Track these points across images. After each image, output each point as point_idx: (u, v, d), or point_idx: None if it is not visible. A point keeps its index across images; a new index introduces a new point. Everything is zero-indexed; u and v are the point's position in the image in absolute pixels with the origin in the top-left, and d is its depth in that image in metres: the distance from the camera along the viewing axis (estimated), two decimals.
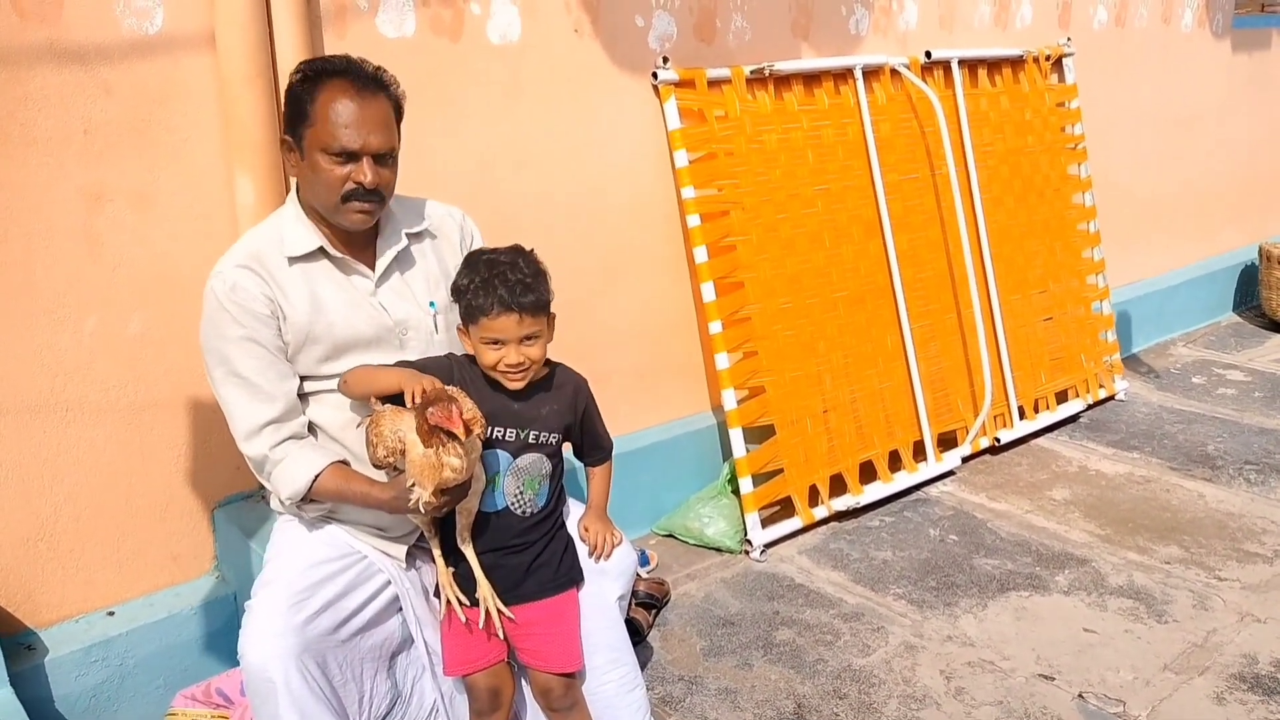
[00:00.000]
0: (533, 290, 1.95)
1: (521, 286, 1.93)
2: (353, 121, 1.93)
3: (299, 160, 2.01)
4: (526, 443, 2.05)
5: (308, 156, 1.97)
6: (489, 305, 1.93)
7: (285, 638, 1.89)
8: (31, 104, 2.27)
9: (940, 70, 3.98)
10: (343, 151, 1.94)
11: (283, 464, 2.00)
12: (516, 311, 1.93)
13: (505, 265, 1.95)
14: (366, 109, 1.95)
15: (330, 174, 1.96)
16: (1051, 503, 3.63)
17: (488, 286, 1.93)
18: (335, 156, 1.94)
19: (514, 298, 1.92)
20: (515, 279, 1.93)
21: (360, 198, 1.98)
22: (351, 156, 1.95)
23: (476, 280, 1.95)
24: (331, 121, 1.93)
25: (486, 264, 1.97)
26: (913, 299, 3.75)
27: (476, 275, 1.96)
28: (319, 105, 1.94)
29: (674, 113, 3.26)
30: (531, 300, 1.94)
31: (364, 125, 1.94)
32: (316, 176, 1.97)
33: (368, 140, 1.95)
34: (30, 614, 2.44)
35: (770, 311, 3.38)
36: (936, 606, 2.98)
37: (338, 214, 2.00)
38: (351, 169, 1.95)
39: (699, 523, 3.33)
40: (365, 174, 1.96)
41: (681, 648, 2.80)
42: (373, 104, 1.96)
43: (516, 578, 2.07)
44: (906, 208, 3.79)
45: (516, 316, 1.93)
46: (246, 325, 1.97)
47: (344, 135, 1.93)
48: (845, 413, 3.55)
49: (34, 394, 2.37)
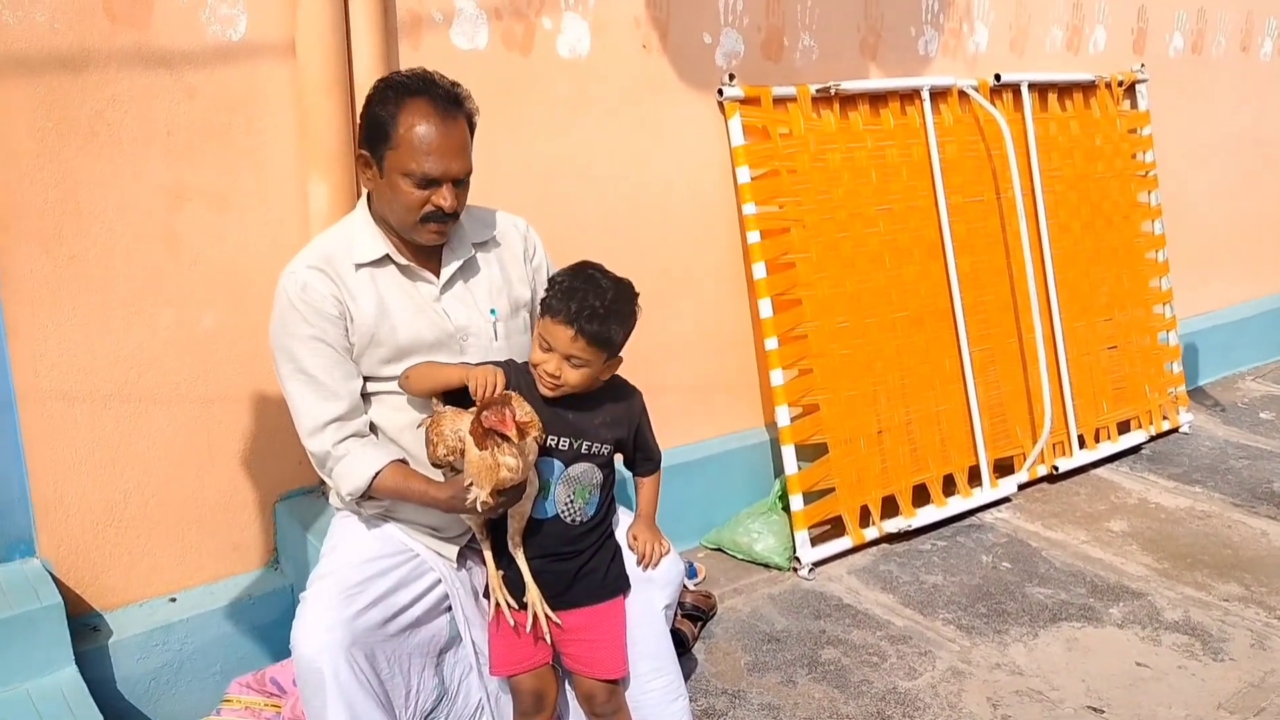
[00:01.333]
0: (601, 322, 1.95)
1: (593, 312, 1.94)
2: (435, 149, 1.96)
3: (376, 177, 2.04)
4: (579, 452, 2.07)
5: (387, 176, 2.01)
6: (557, 309, 1.96)
7: (336, 630, 1.94)
8: (119, 105, 2.36)
9: (1009, 93, 3.95)
10: (425, 178, 1.98)
11: (345, 460, 2.04)
12: (574, 329, 1.95)
13: (597, 287, 1.97)
14: (448, 135, 1.98)
15: (410, 196, 1.99)
16: (1109, 534, 3.57)
17: (569, 294, 1.96)
18: (416, 182, 1.98)
19: (580, 317, 1.93)
20: (595, 303, 1.94)
21: (439, 220, 2.03)
22: (432, 182, 1.99)
23: (566, 284, 1.98)
24: (414, 148, 1.96)
25: (586, 277, 1.99)
26: (973, 322, 3.72)
27: (570, 280, 1.98)
28: (400, 129, 1.97)
29: (738, 129, 3.28)
30: (594, 330, 1.94)
31: (446, 153, 1.97)
32: (395, 197, 2.01)
33: (449, 167, 1.98)
34: (96, 596, 2.53)
35: (827, 330, 3.38)
36: (986, 633, 2.95)
37: (413, 232, 2.05)
38: (431, 193, 1.99)
39: (748, 538, 3.33)
40: (446, 199, 2.00)
41: (726, 661, 2.81)
42: (454, 128, 1.99)
43: (564, 583, 2.10)
44: (970, 230, 3.77)
45: (572, 334, 1.94)
46: (315, 325, 2.02)
47: (427, 163, 1.96)
48: (900, 434, 3.53)
49: (109, 384, 2.46)
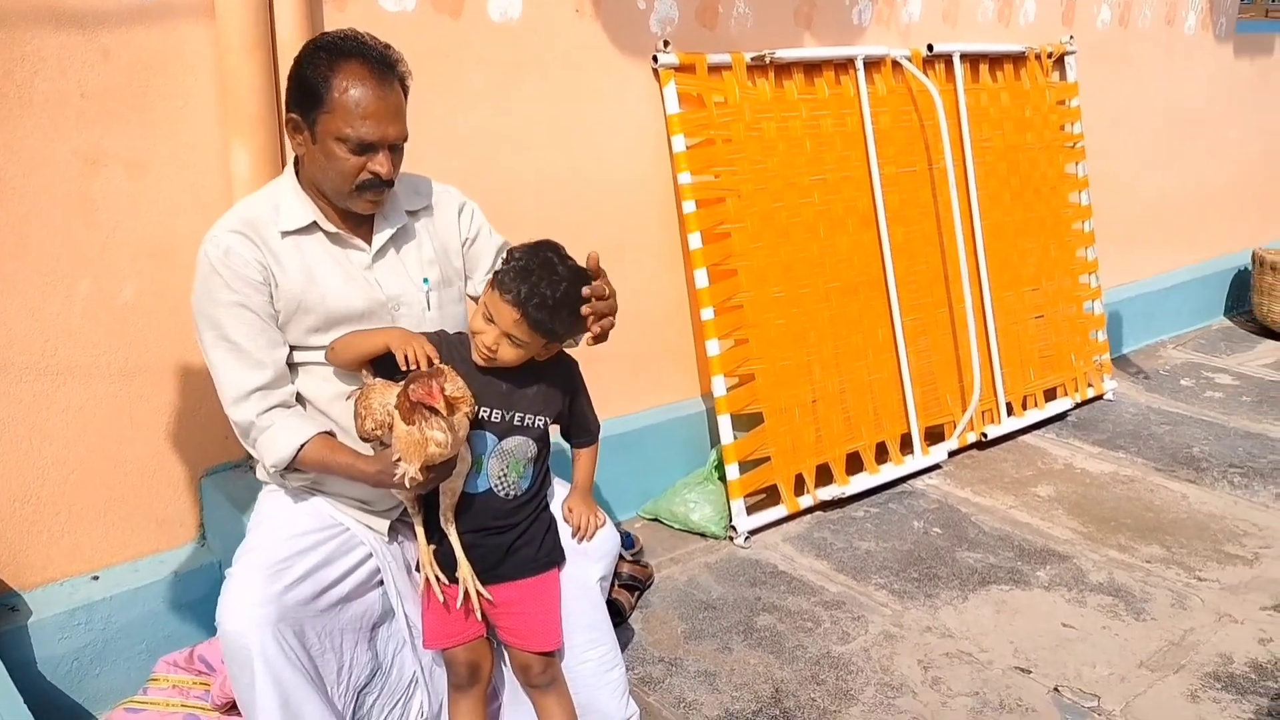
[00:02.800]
0: (549, 312, 1.91)
1: (542, 301, 1.90)
2: (371, 113, 1.91)
3: (308, 141, 1.98)
4: (512, 425, 2.05)
5: (320, 141, 1.95)
6: (508, 288, 1.90)
7: (262, 606, 1.90)
8: (28, 64, 2.27)
9: (942, 64, 3.98)
10: (360, 143, 1.93)
11: (269, 431, 1.99)
12: (519, 313, 1.91)
13: (551, 275, 1.91)
14: (384, 99, 1.93)
15: (346, 163, 1.95)
16: (1036, 499, 3.65)
17: (523, 275, 1.90)
18: (352, 147, 1.93)
19: (528, 303, 1.90)
20: (546, 292, 1.90)
21: (375, 187, 1.98)
22: (369, 147, 1.94)
23: (522, 263, 1.92)
24: (349, 111, 1.91)
25: (543, 261, 1.93)
26: (905, 292, 3.76)
27: (528, 260, 1.92)
28: (334, 91, 1.91)
29: (673, 97, 3.26)
30: (539, 318, 1.91)
31: (383, 117, 1.93)
32: (330, 163, 1.96)
33: (386, 132, 1.94)
34: (14, 576, 2.45)
35: (762, 300, 3.39)
36: (917, 597, 3.00)
37: (348, 200, 2.00)
38: (367, 159, 1.95)
39: (685, 507, 3.34)
40: (382, 165, 1.95)
41: (663, 630, 2.82)
42: (389, 92, 1.94)
43: (497, 557, 2.07)
44: (903, 200, 3.80)
45: (517, 316, 1.91)
46: (238, 290, 1.97)
47: (363, 128, 1.91)
48: (834, 403, 3.56)
49: (24, 355, 2.37)
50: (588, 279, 1.98)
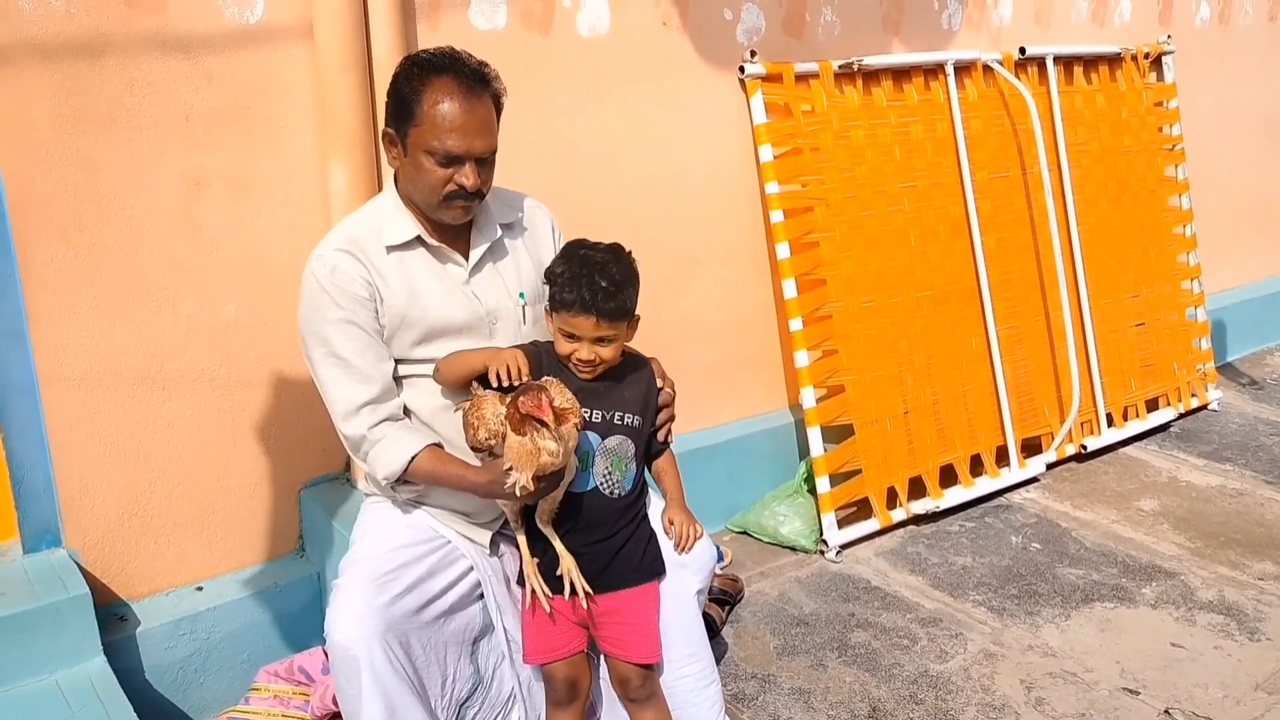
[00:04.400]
0: (615, 297, 1.95)
1: (605, 292, 1.93)
2: (458, 126, 1.94)
3: (401, 155, 2.02)
4: (613, 424, 2.06)
5: (411, 154, 1.99)
6: (572, 301, 1.94)
7: (370, 618, 1.91)
8: (137, 90, 2.34)
9: (1034, 67, 3.89)
10: (447, 155, 1.95)
11: (380, 444, 2.02)
12: (595, 314, 1.93)
13: (597, 265, 1.95)
14: (472, 113, 1.96)
15: (434, 174, 1.97)
16: (1139, 513, 3.53)
17: (575, 283, 1.94)
18: (439, 159, 1.96)
19: (595, 301, 1.92)
20: (603, 283, 1.93)
21: (462, 198, 2.00)
22: (455, 160, 1.96)
23: (568, 274, 1.95)
24: (437, 125, 1.94)
25: (581, 260, 1.96)
26: (1000, 300, 3.67)
27: (569, 268, 1.96)
28: (425, 105, 1.94)
29: (760, 107, 3.24)
30: (612, 307, 1.94)
31: (469, 130, 1.95)
32: (419, 175, 1.99)
33: (472, 145, 1.96)
34: (124, 586, 2.52)
35: (852, 310, 3.34)
36: (1017, 615, 2.91)
37: (438, 210, 2.03)
38: (454, 171, 1.97)
39: (774, 521, 3.30)
40: (469, 177, 1.97)
41: (755, 645, 2.79)
42: (478, 106, 1.97)
43: (600, 564, 2.06)
44: (996, 207, 3.72)
45: (594, 319, 1.94)
46: (346, 307, 2.00)
47: (450, 140, 1.94)
48: (926, 414, 3.49)
49: (132, 371, 2.44)
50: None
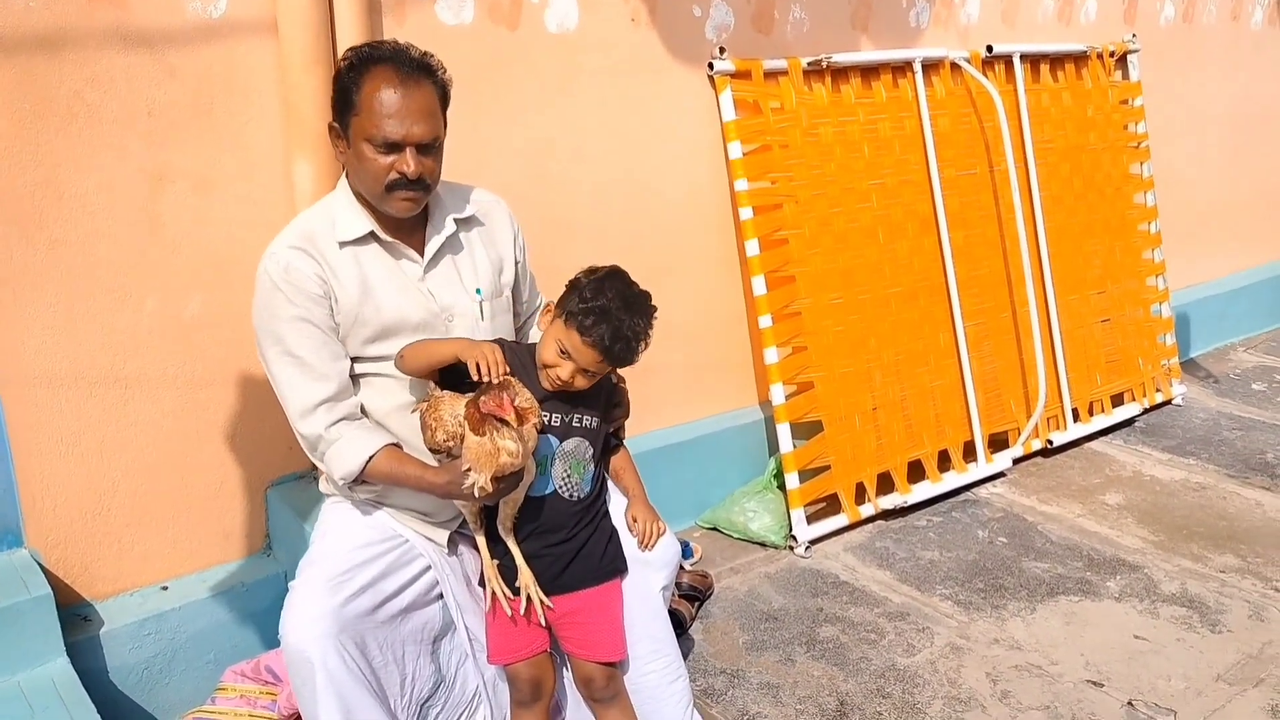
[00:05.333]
0: (631, 352, 1.98)
1: (626, 344, 1.95)
2: (396, 111, 1.93)
3: (346, 148, 2.02)
4: (570, 426, 2.06)
5: (354, 145, 1.98)
6: (588, 329, 1.93)
7: (323, 619, 1.90)
8: (98, 85, 2.31)
9: (1001, 65, 3.91)
10: (386, 142, 1.94)
11: (337, 444, 2.01)
12: (605, 357, 1.95)
13: (629, 312, 1.95)
14: (410, 98, 1.94)
15: (374, 163, 1.96)
16: (1104, 507, 3.57)
17: (605, 319, 1.93)
18: (379, 146, 1.95)
19: (612, 346, 1.94)
20: (629, 334, 1.95)
21: (404, 187, 1.98)
22: (395, 146, 1.95)
23: (600, 304, 1.94)
24: (375, 111, 1.93)
25: (621, 298, 1.96)
26: (967, 297, 3.70)
27: (603, 299, 1.94)
28: (364, 94, 1.94)
29: (729, 104, 3.24)
30: (623, 356, 1.98)
31: (407, 115, 1.94)
32: (361, 165, 1.98)
33: (410, 130, 1.94)
34: (87, 586, 2.49)
35: (821, 307, 3.35)
36: (984, 608, 2.94)
37: (383, 202, 2.02)
38: (395, 159, 1.96)
39: (744, 517, 3.31)
40: (408, 164, 1.95)
41: (724, 640, 2.80)
42: (417, 93, 1.96)
43: (561, 566, 2.07)
44: (963, 204, 3.74)
45: (599, 358, 1.95)
46: (300, 305, 1.99)
47: (387, 126, 1.93)
48: (895, 410, 3.51)
49: (95, 369, 2.41)
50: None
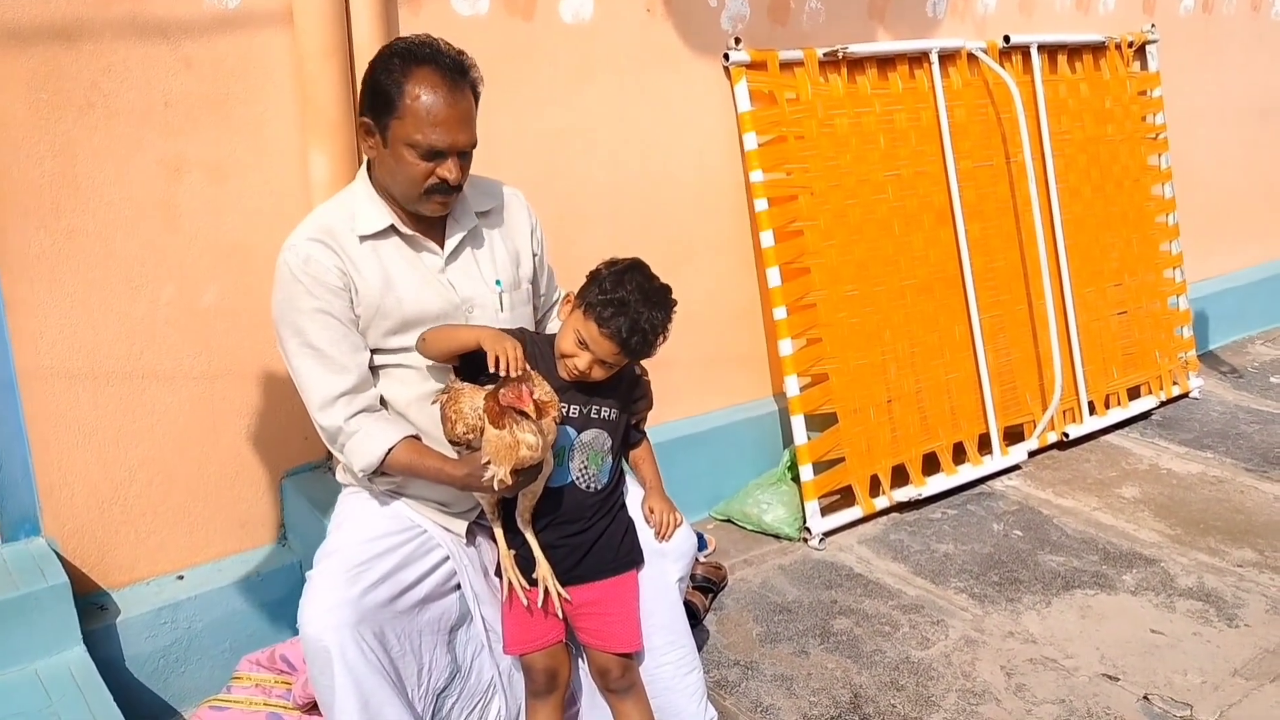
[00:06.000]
0: (648, 345, 1.97)
1: (644, 337, 1.94)
2: (442, 120, 1.92)
3: (380, 146, 1.99)
4: (589, 417, 2.05)
5: (392, 147, 1.96)
6: (606, 321, 1.92)
7: (342, 609, 1.91)
8: (114, 75, 2.32)
9: (1019, 56, 3.88)
10: (430, 150, 1.93)
11: (357, 436, 2.01)
12: (622, 349, 1.94)
13: (648, 305, 1.94)
14: (455, 106, 1.93)
15: (415, 168, 1.95)
16: (1120, 500, 3.55)
17: (624, 311, 1.92)
18: (421, 153, 1.94)
19: (629, 338, 1.93)
20: (647, 327, 1.93)
21: (443, 192, 1.99)
22: (438, 154, 1.95)
23: (619, 296, 1.93)
24: (421, 118, 1.91)
25: (641, 291, 1.95)
26: (983, 289, 3.68)
27: (623, 291, 1.93)
28: (407, 98, 1.92)
29: (745, 95, 3.23)
30: (640, 350, 1.97)
31: (453, 125, 1.93)
32: (400, 167, 1.97)
33: (456, 139, 1.94)
34: (104, 575, 2.51)
35: (836, 298, 3.34)
36: (999, 601, 2.93)
37: (417, 204, 2.02)
38: (436, 164, 1.95)
39: (758, 509, 3.31)
40: (451, 171, 1.96)
41: (738, 632, 2.79)
42: (460, 99, 1.95)
43: (578, 557, 2.07)
44: (980, 196, 3.72)
45: (617, 350, 1.94)
46: (320, 297, 1.98)
47: (433, 135, 1.92)
48: (910, 403, 3.50)
49: (111, 360, 2.42)
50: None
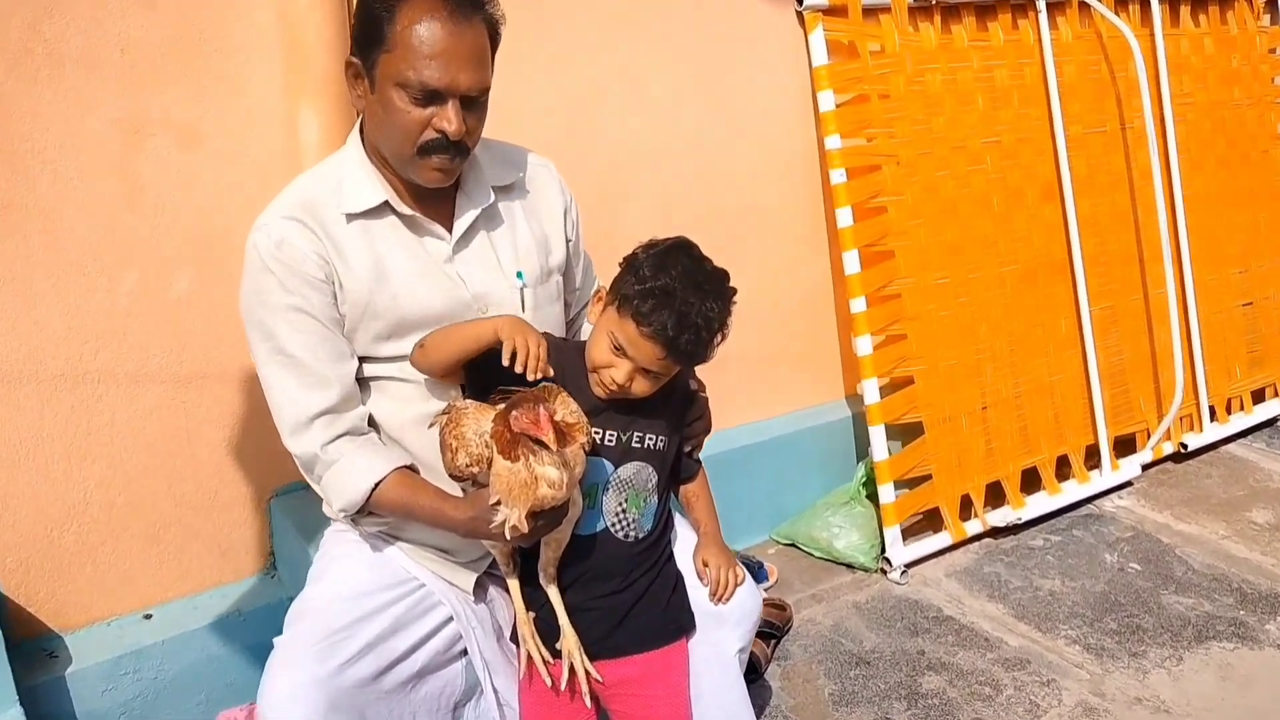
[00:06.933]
0: (702, 346, 1.56)
1: (695, 335, 1.54)
2: (440, 52, 1.53)
3: (368, 92, 1.61)
4: (629, 447, 1.65)
5: (379, 89, 1.58)
6: (648, 318, 1.52)
7: (309, 692, 1.51)
8: (58, 16, 1.93)
9: (1136, 5, 3.37)
10: (424, 89, 1.54)
11: (336, 466, 1.62)
12: (669, 352, 1.54)
13: (699, 295, 1.54)
14: (459, 37, 1.54)
15: (406, 116, 1.56)
16: (1252, 527, 3.04)
17: (665, 301, 1.52)
18: (414, 94, 1.54)
19: (676, 339, 1.53)
20: (700, 322, 1.53)
21: (441, 150, 1.58)
22: (434, 97, 1.55)
23: (662, 282, 1.53)
24: (413, 49, 1.53)
25: (687, 275, 1.55)
26: (1093, 276, 3.17)
27: (666, 278, 1.54)
28: (399, 25, 1.54)
29: (821, 45, 2.76)
30: (692, 353, 1.56)
31: (455, 58, 1.54)
32: (389, 117, 1.58)
33: (456, 78, 1.54)
34: (54, 615, 2.13)
35: (924, 287, 2.86)
36: (1119, 656, 2.45)
37: (410, 167, 1.61)
38: (433, 112, 1.56)
39: (827, 533, 2.85)
40: (450, 120, 1.55)
41: (806, 691, 2.35)
42: (467, 31, 1.55)
43: (612, 623, 1.66)
44: (1091, 167, 3.21)
45: (664, 355, 1.54)
46: (295, 291, 1.60)
47: (427, 69, 1.53)
48: (1008, 409, 3.02)
49: (60, 362, 2.04)
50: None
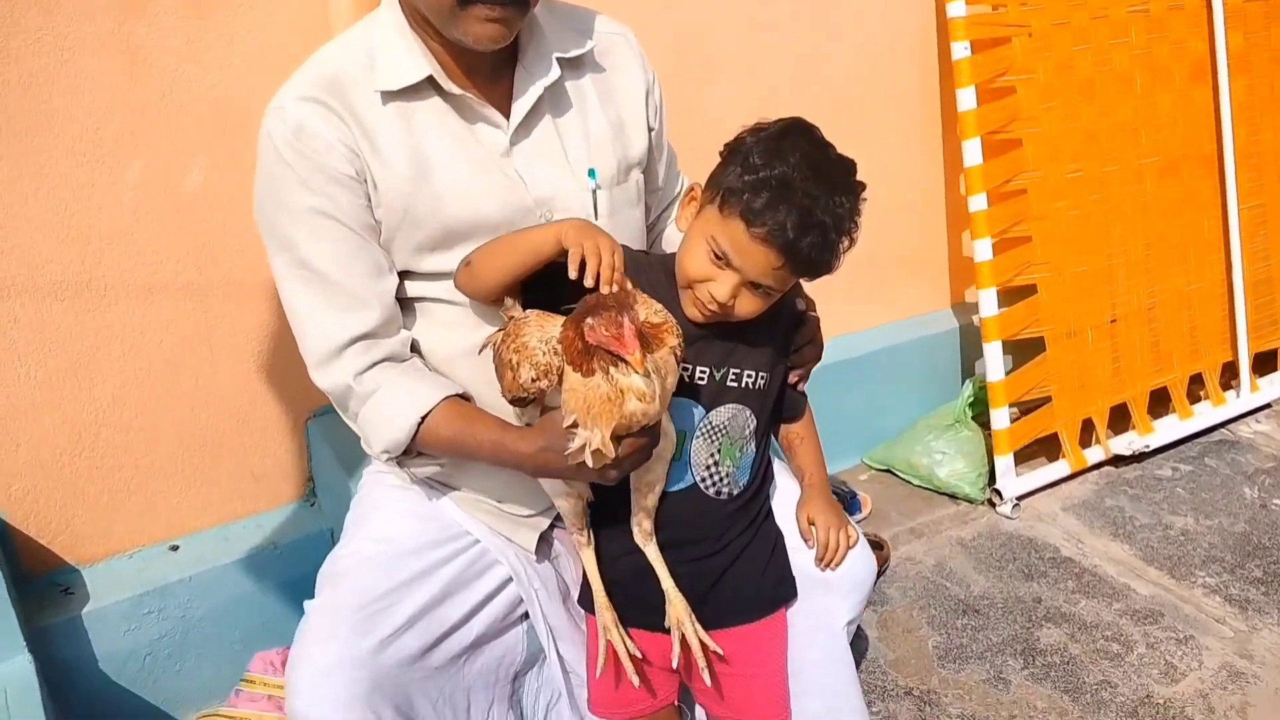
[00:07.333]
0: (827, 250, 1.28)
1: (821, 237, 1.26)
2: None
3: None
4: (725, 386, 1.37)
5: None
6: (760, 216, 1.24)
7: (347, 672, 1.28)
8: None
9: None
10: None
11: (375, 398, 1.36)
12: (787, 259, 1.26)
13: (825, 190, 1.26)
14: None
15: None
16: None
17: (783, 194, 1.24)
18: None
19: (797, 242, 1.25)
20: (827, 220, 1.25)
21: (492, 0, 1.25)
22: None
23: (779, 171, 1.25)
24: None
25: (808, 162, 1.26)
26: (1244, 170, 2.75)
27: (781, 163, 1.25)
28: None
29: None
30: (815, 259, 1.28)
31: None
32: None
33: None
34: (70, 547, 1.91)
35: (1054, 182, 2.48)
36: (1268, 611, 2.15)
37: (454, 23, 1.29)
38: None
39: (928, 458, 2.54)
40: None
41: (907, 643, 2.08)
42: None
43: (700, 593, 1.40)
44: (1249, 42, 2.77)
45: (782, 263, 1.26)
46: (319, 191, 1.31)
47: None
48: (1139, 323, 2.66)
49: (57, 268, 1.77)
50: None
